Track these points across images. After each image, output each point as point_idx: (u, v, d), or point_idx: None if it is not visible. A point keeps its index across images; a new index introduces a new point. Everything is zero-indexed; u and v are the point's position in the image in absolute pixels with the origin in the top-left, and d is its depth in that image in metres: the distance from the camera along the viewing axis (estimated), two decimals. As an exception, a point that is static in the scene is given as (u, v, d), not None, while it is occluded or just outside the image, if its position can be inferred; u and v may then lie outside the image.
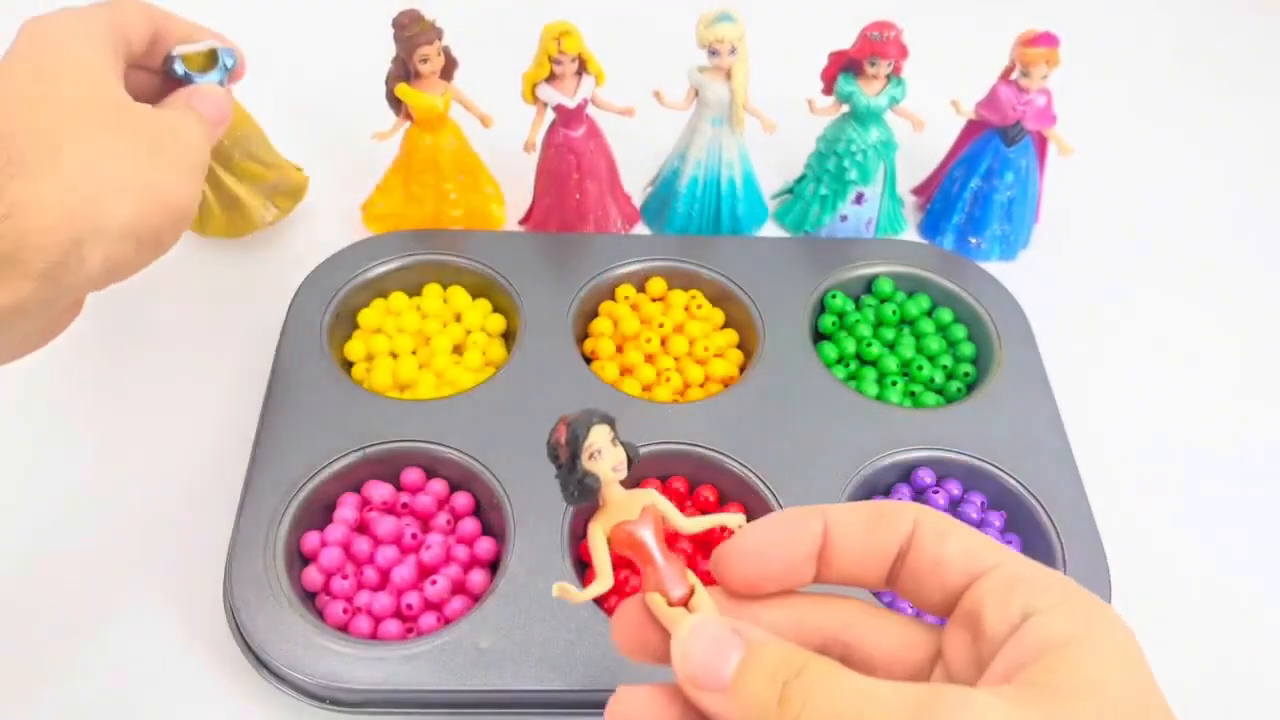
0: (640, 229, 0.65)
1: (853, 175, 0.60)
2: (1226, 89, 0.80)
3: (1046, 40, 0.56)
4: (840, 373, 0.56)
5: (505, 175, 0.62)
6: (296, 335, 0.53)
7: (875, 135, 0.59)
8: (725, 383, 0.55)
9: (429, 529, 0.48)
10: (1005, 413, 0.53)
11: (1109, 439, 0.55)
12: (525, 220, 0.63)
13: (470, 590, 0.46)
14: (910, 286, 0.60)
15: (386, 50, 0.55)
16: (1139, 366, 0.60)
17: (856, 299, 0.60)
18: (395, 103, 0.57)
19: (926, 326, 0.58)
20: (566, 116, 0.57)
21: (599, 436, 0.25)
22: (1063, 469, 0.50)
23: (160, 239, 0.36)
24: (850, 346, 0.57)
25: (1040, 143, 0.62)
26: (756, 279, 0.58)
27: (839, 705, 0.22)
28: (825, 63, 0.59)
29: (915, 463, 0.51)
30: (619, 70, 0.58)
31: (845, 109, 0.59)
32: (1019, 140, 0.60)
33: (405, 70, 0.55)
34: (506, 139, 0.58)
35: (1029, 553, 0.49)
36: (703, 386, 0.55)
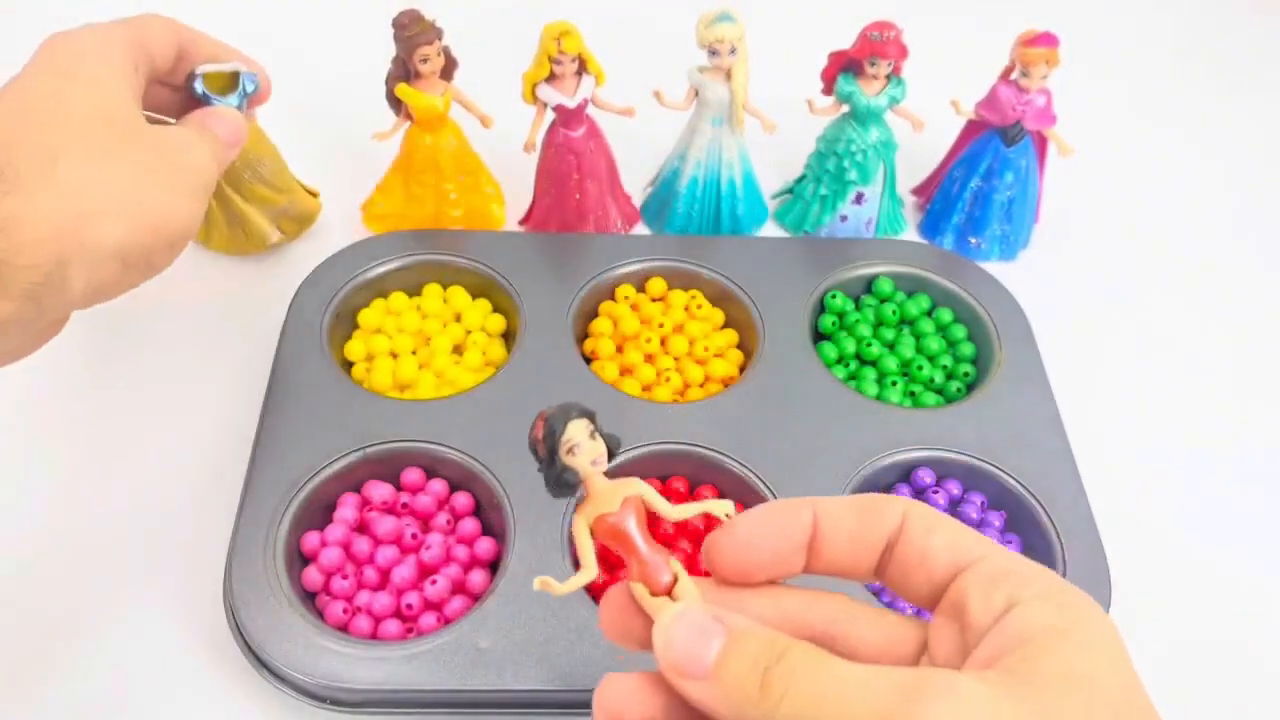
0: (640, 229, 0.65)
1: (852, 175, 0.60)
2: (1226, 89, 0.80)
3: (1046, 40, 0.56)
4: (840, 373, 0.56)
5: (505, 175, 0.62)
6: (296, 335, 0.53)
7: (875, 135, 0.59)
8: (725, 383, 0.55)
9: (429, 529, 0.48)
10: (1005, 413, 0.53)
11: (1109, 439, 0.55)
12: (525, 220, 0.63)
13: (470, 590, 0.46)
14: (910, 286, 0.60)
15: (386, 50, 0.55)
16: (1139, 366, 0.60)
17: (856, 299, 0.60)
18: (395, 103, 0.57)
19: (926, 326, 0.58)
20: (566, 116, 0.57)
21: (576, 431, 0.25)
22: (1062, 469, 0.50)
23: (151, 260, 0.36)
24: (850, 346, 0.57)
25: (1040, 143, 0.62)
26: (756, 279, 0.58)
27: (821, 689, 0.22)
28: (825, 63, 0.59)
29: (915, 463, 0.51)
30: (619, 70, 0.58)
31: (845, 109, 0.59)
32: (1019, 140, 0.60)
33: (405, 70, 0.55)
34: (506, 139, 0.58)
35: (1029, 553, 0.49)
36: (703, 386, 0.55)
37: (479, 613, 0.43)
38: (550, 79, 0.56)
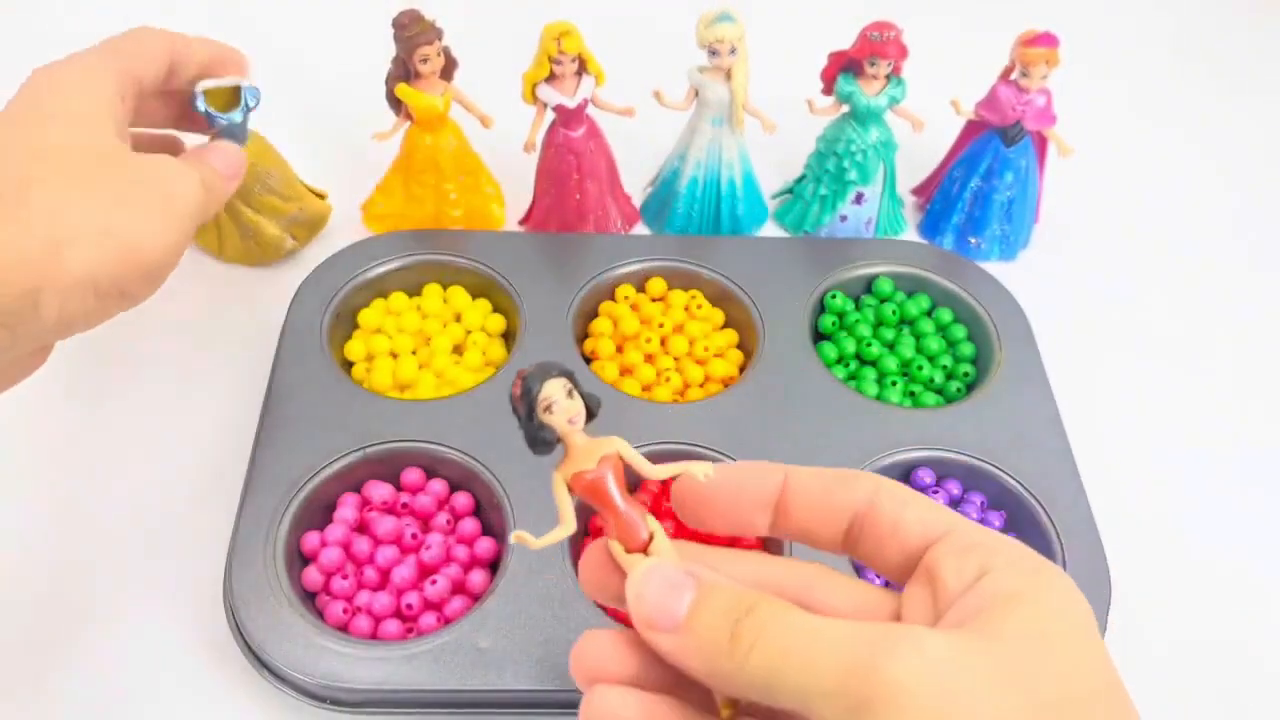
0: (640, 229, 0.65)
1: (852, 175, 0.60)
2: (1226, 89, 0.80)
3: (1046, 40, 0.56)
4: (840, 373, 0.56)
5: (505, 175, 0.63)
6: (296, 335, 0.53)
7: (875, 135, 0.59)
8: (725, 383, 0.55)
9: (429, 529, 0.48)
10: (1005, 413, 0.53)
11: (1109, 439, 0.55)
12: (525, 220, 0.63)
13: (470, 590, 0.46)
14: (910, 286, 0.60)
15: (386, 50, 0.55)
16: (1139, 366, 0.60)
17: (856, 299, 0.60)
18: (395, 103, 0.57)
19: (926, 326, 0.58)
20: (566, 116, 0.57)
21: (553, 390, 0.26)
22: (1062, 469, 0.50)
23: (124, 290, 0.35)
24: (850, 346, 0.57)
25: (1040, 143, 0.62)
26: (756, 279, 0.58)
27: (790, 641, 0.23)
28: (825, 63, 0.59)
29: (915, 463, 0.51)
30: (619, 70, 0.58)
31: (845, 109, 0.59)
32: (1019, 140, 0.60)
33: (405, 70, 0.55)
34: (506, 139, 0.58)
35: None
36: (703, 386, 0.55)
37: (479, 613, 0.43)
38: (550, 79, 0.56)
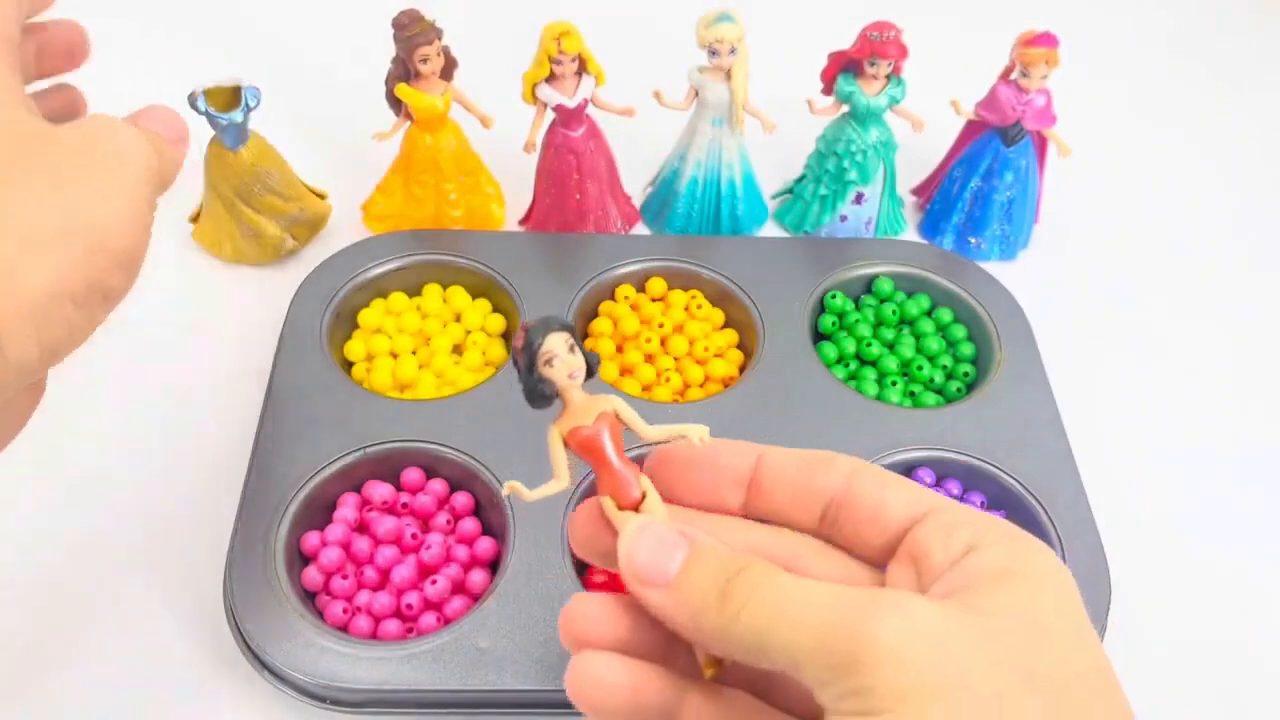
0: (640, 229, 0.65)
1: (852, 175, 0.60)
2: (1226, 89, 0.80)
3: (1046, 40, 0.56)
4: (840, 373, 0.56)
5: (505, 175, 0.62)
6: (296, 335, 0.53)
7: (875, 135, 0.59)
8: (725, 383, 0.55)
9: (429, 529, 0.48)
10: (1005, 413, 0.53)
11: (1109, 439, 0.55)
12: (525, 220, 0.63)
13: (470, 590, 0.46)
14: (910, 286, 0.60)
15: (386, 50, 0.55)
16: (1139, 366, 0.60)
17: (856, 299, 0.60)
18: (395, 103, 0.57)
19: (926, 326, 0.58)
20: (566, 116, 0.57)
21: (555, 343, 0.26)
22: (1062, 469, 0.50)
23: (106, 289, 0.28)
24: (850, 346, 0.57)
25: (1040, 143, 0.62)
26: (756, 279, 0.58)
27: (780, 601, 0.23)
28: (825, 63, 0.59)
29: (915, 463, 0.51)
30: (619, 70, 0.58)
31: (845, 109, 0.59)
32: (1019, 140, 0.60)
33: (405, 70, 0.55)
34: (506, 139, 0.58)
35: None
36: (703, 386, 0.55)
37: (479, 613, 0.43)
38: (550, 79, 0.56)
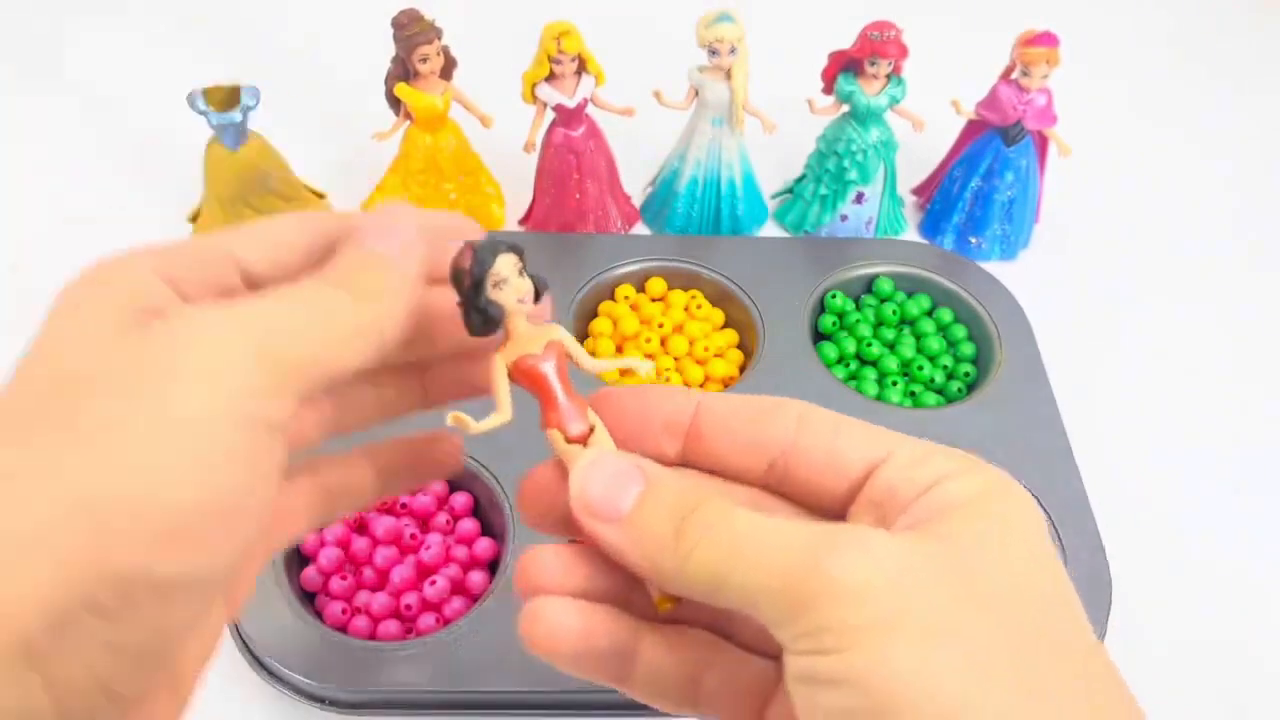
0: (640, 229, 0.65)
1: (853, 175, 0.60)
2: (1226, 89, 0.80)
3: (1047, 40, 0.56)
4: (840, 373, 0.56)
5: (505, 175, 0.62)
6: (296, 335, 0.53)
7: (875, 135, 0.59)
8: (725, 383, 0.55)
9: (428, 529, 0.48)
10: (1005, 412, 0.52)
11: (1109, 438, 0.55)
12: (525, 220, 0.63)
13: (470, 590, 0.46)
14: (910, 286, 0.60)
15: (386, 50, 0.55)
16: (1139, 366, 0.60)
17: (857, 299, 0.60)
18: (395, 102, 0.57)
19: (927, 326, 0.58)
20: (566, 116, 0.57)
21: (505, 265, 0.24)
22: (1063, 468, 0.50)
23: (152, 579, 0.18)
24: (850, 346, 0.57)
25: (1041, 142, 0.62)
26: (756, 279, 0.58)
27: (735, 539, 0.22)
28: (825, 62, 0.59)
29: (915, 463, 0.50)
30: (619, 70, 0.58)
31: (845, 109, 0.59)
32: (1019, 140, 0.60)
33: (405, 70, 0.55)
34: (506, 139, 0.58)
35: (1029, 553, 0.49)
36: (703, 387, 0.55)
37: (478, 613, 0.43)
38: (550, 79, 0.56)
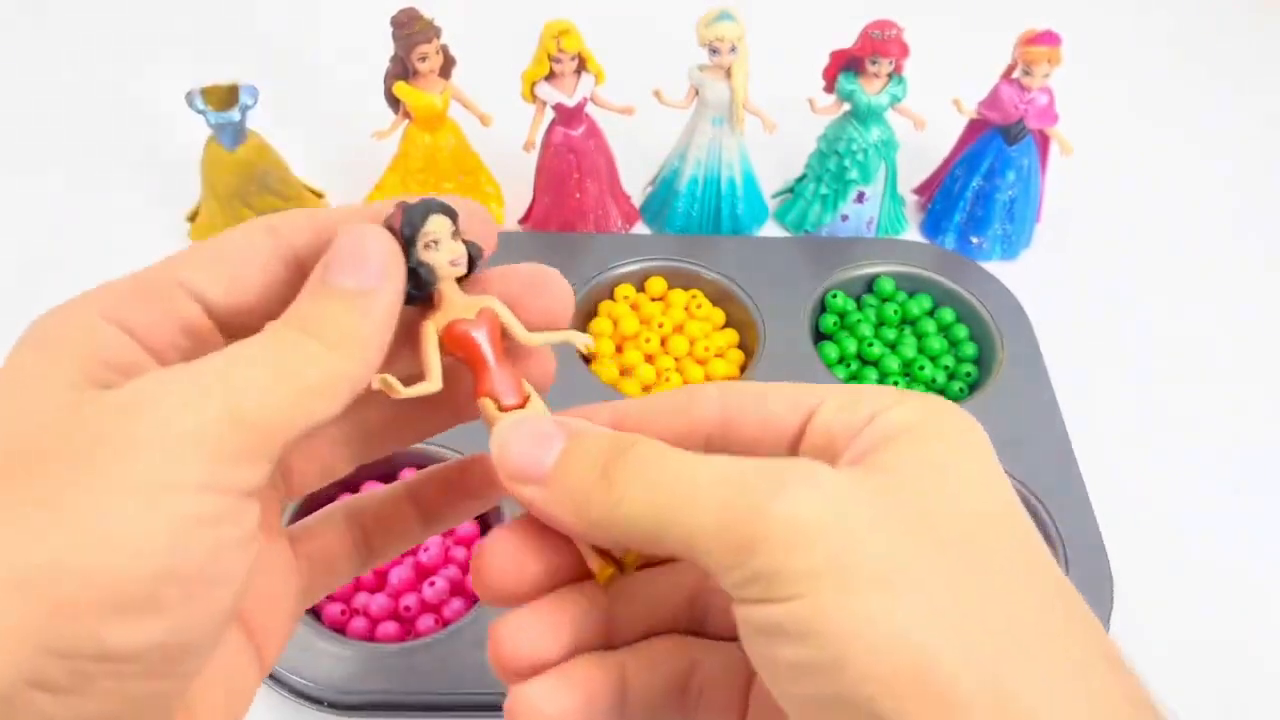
0: (640, 228, 0.65)
1: (854, 174, 0.60)
2: (1227, 89, 0.80)
3: (1048, 39, 0.56)
4: (842, 373, 0.56)
5: (505, 174, 0.62)
6: (294, 335, 0.53)
7: (876, 134, 0.59)
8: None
9: (427, 530, 0.48)
10: (1007, 413, 0.52)
11: (1110, 438, 0.55)
12: (525, 220, 0.63)
13: (469, 592, 0.46)
14: (912, 286, 0.60)
15: (385, 49, 0.55)
16: (1141, 366, 0.59)
17: (858, 299, 0.60)
18: (394, 101, 0.57)
19: (928, 326, 0.58)
20: (566, 115, 0.57)
21: (438, 226, 0.23)
22: (1064, 468, 0.50)
23: (103, 649, 0.17)
24: (852, 346, 0.57)
25: (1042, 142, 0.62)
26: (756, 279, 0.58)
27: (670, 480, 0.20)
28: (826, 61, 0.58)
29: (917, 463, 0.50)
30: (618, 69, 0.57)
31: (846, 108, 0.59)
32: (1021, 139, 0.60)
33: (404, 69, 0.55)
34: (506, 138, 0.58)
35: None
36: (703, 386, 0.55)
37: (478, 615, 0.43)
38: (550, 77, 0.55)
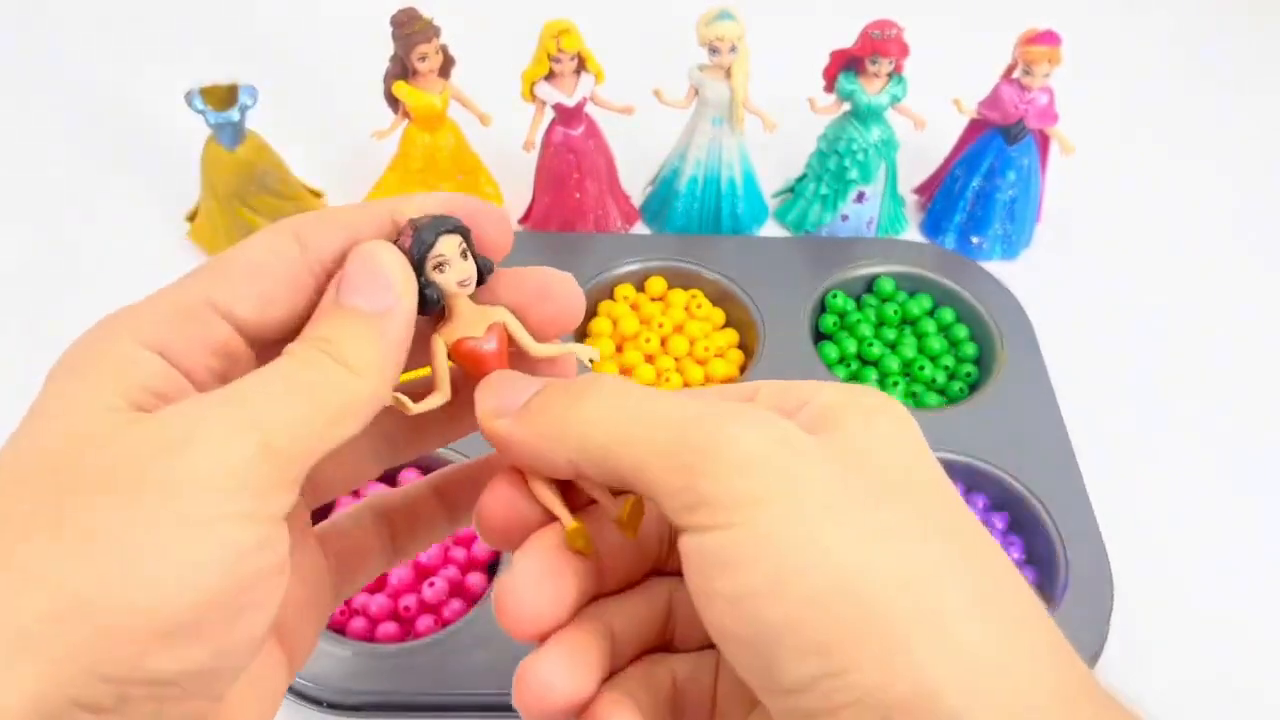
0: (640, 228, 0.65)
1: (854, 174, 0.60)
2: (1227, 89, 0.80)
3: (1048, 38, 0.56)
4: (842, 373, 0.56)
5: (504, 174, 0.62)
6: (294, 335, 0.53)
7: (876, 134, 0.59)
8: (726, 383, 0.55)
9: (427, 530, 0.48)
10: (1007, 413, 0.52)
11: (1111, 438, 0.55)
12: (524, 219, 0.63)
13: (468, 592, 0.46)
14: (912, 286, 0.59)
15: (385, 48, 0.55)
16: (1141, 366, 0.59)
17: (858, 299, 0.59)
18: (393, 101, 0.57)
19: (928, 326, 0.58)
20: (566, 115, 0.57)
21: (448, 247, 0.24)
22: (1065, 469, 0.50)
23: (151, 676, 0.18)
24: (852, 346, 0.56)
25: (1042, 142, 0.62)
26: (756, 279, 0.57)
27: (631, 403, 0.22)
28: (826, 61, 0.58)
29: (917, 463, 0.50)
30: (618, 68, 0.57)
31: (846, 107, 0.59)
32: (1021, 139, 0.60)
33: (403, 68, 0.55)
34: (505, 137, 0.58)
35: (1031, 554, 0.48)
36: (703, 387, 0.55)
37: (477, 615, 0.43)
38: (549, 77, 0.55)
